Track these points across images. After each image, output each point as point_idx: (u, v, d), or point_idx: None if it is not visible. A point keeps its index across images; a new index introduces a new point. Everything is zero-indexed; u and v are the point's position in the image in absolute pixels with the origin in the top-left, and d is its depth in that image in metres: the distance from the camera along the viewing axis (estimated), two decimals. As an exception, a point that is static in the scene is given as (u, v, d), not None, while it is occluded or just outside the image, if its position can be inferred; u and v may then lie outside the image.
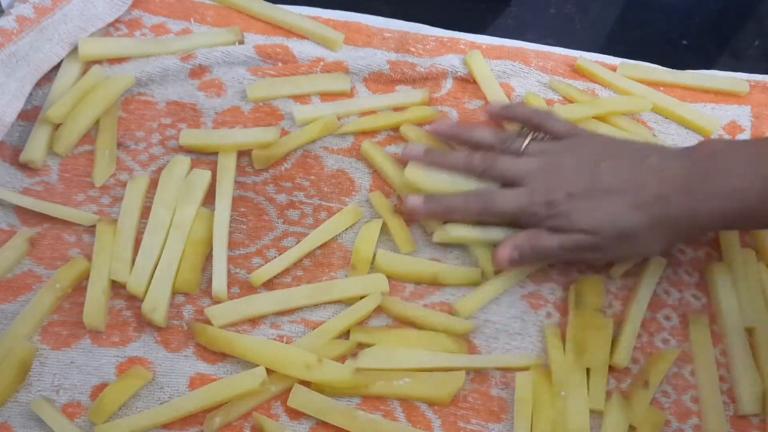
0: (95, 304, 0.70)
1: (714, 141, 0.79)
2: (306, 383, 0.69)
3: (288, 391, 0.68)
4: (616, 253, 0.72)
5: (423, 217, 0.77)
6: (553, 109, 0.82)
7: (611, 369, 0.72)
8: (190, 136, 0.79)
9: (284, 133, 0.81)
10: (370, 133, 0.82)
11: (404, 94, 0.85)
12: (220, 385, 0.68)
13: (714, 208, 0.68)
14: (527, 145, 0.75)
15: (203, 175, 0.77)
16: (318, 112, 0.82)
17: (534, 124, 0.77)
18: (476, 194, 0.74)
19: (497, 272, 0.76)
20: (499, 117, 0.80)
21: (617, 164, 0.71)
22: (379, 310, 0.73)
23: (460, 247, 0.77)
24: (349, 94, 0.85)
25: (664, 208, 0.69)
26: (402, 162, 0.78)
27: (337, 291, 0.73)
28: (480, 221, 0.75)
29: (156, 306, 0.70)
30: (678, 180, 0.69)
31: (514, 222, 0.74)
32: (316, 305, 0.73)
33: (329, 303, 0.73)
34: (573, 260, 0.77)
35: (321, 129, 0.81)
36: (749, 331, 0.74)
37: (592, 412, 0.69)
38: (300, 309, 0.73)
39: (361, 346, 0.71)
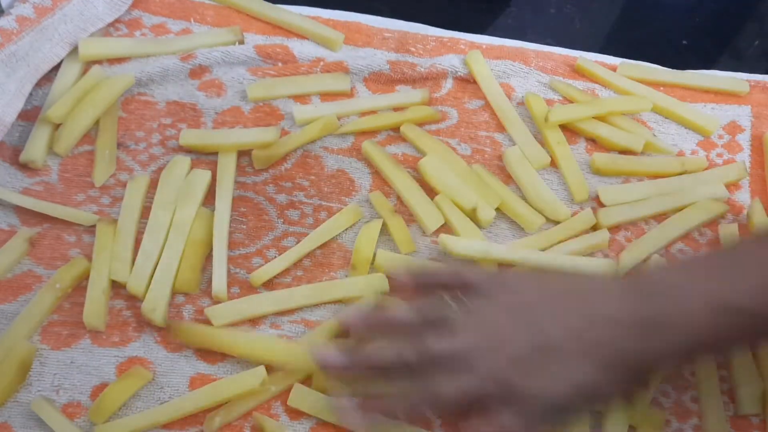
0: (95, 304, 0.70)
1: (653, 272, 0.71)
2: (306, 383, 0.69)
3: (288, 390, 0.68)
4: (581, 410, 0.68)
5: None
6: (461, 265, 0.76)
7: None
8: (190, 136, 0.79)
9: (284, 133, 0.81)
10: (370, 133, 0.82)
11: (404, 94, 0.85)
12: (220, 385, 0.68)
13: (666, 348, 0.62)
14: (454, 314, 0.65)
15: (203, 175, 0.77)
16: (318, 112, 0.82)
17: (452, 286, 0.67)
18: (415, 386, 0.64)
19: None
20: (414, 287, 0.70)
21: (557, 313, 0.64)
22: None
23: None
24: (349, 94, 0.84)
25: (619, 357, 0.62)
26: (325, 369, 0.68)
27: (337, 291, 0.73)
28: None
29: (156, 306, 0.70)
30: (626, 324, 0.62)
31: (463, 409, 0.64)
32: (316, 305, 0.73)
33: (329, 303, 0.73)
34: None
35: (321, 129, 0.81)
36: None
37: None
38: (300, 309, 0.73)
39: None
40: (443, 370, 0.63)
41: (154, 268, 0.72)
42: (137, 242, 0.73)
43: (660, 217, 0.80)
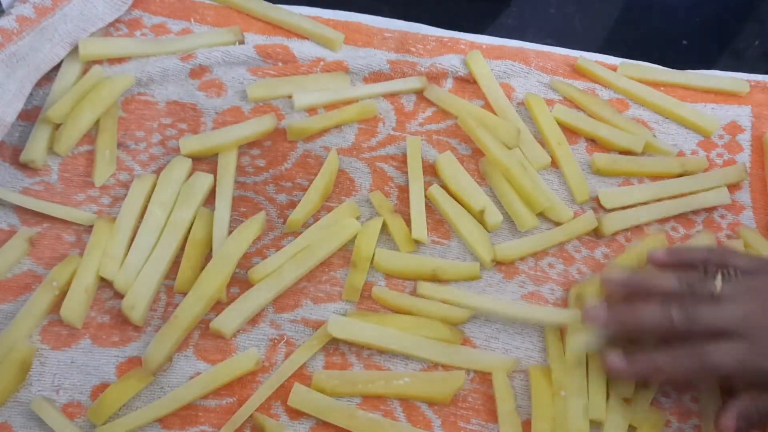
0: (75, 299, 0.70)
1: None
2: (306, 383, 0.69)
3: (288, 390, 0.68)
4: None
5: (624, 377, 0.69)
6: (727, 244, 0.78)
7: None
8: (191, 143, 0.79)
9: (281, 131, 0.81)
10: (371, 131, 0.83)
11: (401, 82, 0.85)
12: (215, 370, 0.68)
13: None
14: (722, 286, 0.66)
15: (205, 179, 0.77)
16: (318, 99, 0.83)
17: (715, 264, 0.68)
18: (686, 350, 0.64)
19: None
20: (668, 263, 0.71)
21: None
22: (375, 302, 0.74)
23: (460, 245, 0.77)
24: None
25: None
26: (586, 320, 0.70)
27: (318, 254, 0.74)
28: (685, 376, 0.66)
29: (135, 304, 0.70)
30: None
31: (729, 379, 0.67)
32: (310, 280, 0.74)
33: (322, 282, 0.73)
34: None
35: (357, 113, 0.82)
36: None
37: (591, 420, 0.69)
38: (300, 308, 0.73)
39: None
40: (713, 340, 0.63)
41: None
42: (133, 241, 0.73)
43: (662, 221, 0.80)
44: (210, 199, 0.77)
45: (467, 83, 0.86)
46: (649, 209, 0.80)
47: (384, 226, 0.77)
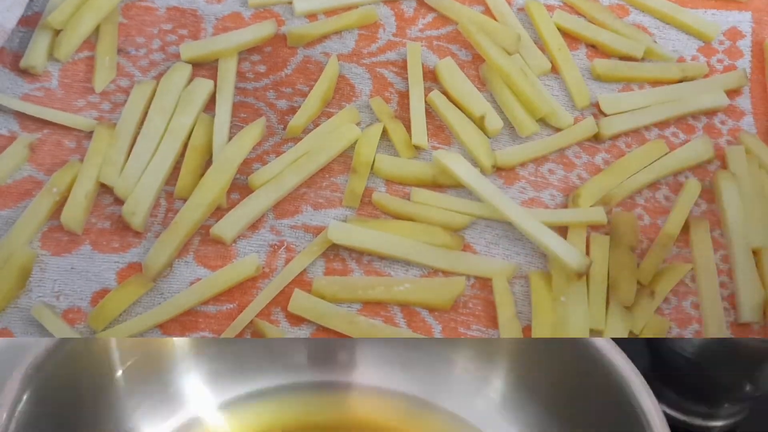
0: (75, 205, 0.65)
1: None
2: (306, 288, 0.64)
3: (288, 296, 0.64)
4: None
5: None
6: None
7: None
8: (191, 49, 0.74)
9: (282, 37, 0.77)
10: (371, 37, 0.78)
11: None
12: (216, 276, 0.64)
13: None
14: None
15: (205, 85, 0.72)
16: (319, 5, 0.78)
17: None
18: None
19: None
20: None
21: None
22: (375, 208, 0.70)
23: (460, 151, 0.72)
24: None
25: None
26: None
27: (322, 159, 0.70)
28: None
29: (136, 210, 0.65)
30: None
31: None
32: (310, 186, 0.70)
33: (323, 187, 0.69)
34: None
35: (357, 19, 0.78)
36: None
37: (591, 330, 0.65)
38: (300, 213, 0.68)
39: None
40: None
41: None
42: (133, 148, 0.69)
43: (662, 127, 0.75)
44: (210, 105, 0.72)
45: (468, -11, 0.81)
46: (647, 112, 0.75)
47: (384, 131, 0.72)
